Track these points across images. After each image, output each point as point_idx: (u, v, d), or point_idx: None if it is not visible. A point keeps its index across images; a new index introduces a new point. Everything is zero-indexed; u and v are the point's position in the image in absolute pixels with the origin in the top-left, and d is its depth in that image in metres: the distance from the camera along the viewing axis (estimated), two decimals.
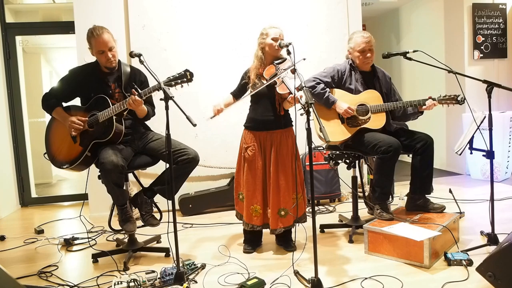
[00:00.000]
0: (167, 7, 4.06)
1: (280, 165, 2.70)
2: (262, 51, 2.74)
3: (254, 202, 2.74)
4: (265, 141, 2.74)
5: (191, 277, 2.43)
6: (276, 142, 2.72)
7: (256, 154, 2.72)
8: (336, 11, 4.38)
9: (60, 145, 2.73)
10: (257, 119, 2.74)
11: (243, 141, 2.81)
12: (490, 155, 2.63)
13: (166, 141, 2.28)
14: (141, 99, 2.51)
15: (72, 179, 5.96)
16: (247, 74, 2.80)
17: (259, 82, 2.70)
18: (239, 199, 2.88)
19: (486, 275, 1.96)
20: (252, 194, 2.74)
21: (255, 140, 2.74)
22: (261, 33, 2.75)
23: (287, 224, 2.74)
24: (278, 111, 2.71)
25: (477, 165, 4.81)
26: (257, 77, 2.72)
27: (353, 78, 2.95)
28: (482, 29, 5.04)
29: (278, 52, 2.71)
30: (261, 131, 2.73)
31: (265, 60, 2.75)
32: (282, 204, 2.71)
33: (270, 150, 2.72)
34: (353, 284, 2.25)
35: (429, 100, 2.81)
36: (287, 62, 2.69)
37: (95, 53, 2.66)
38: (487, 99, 2.58)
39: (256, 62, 2.77)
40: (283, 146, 2.72)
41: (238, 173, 2.86)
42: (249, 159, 2.74)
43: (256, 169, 2.73)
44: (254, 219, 2.76)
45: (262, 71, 2.71)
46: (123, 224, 2.65)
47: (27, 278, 2.55)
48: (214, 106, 2.70)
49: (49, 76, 6.08)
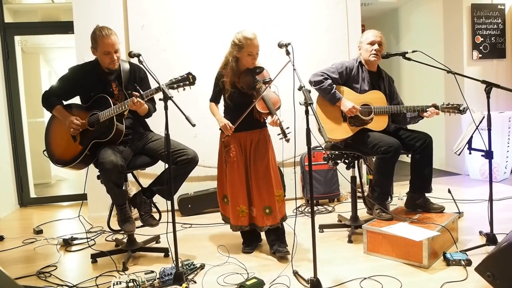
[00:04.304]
0: (167, 7, 4.05)
1: (260, 163, 2.69)
2: (235, 63, 2.63)
3: (239, 203, 2.73)
4: (245, 141, 2.72)
5: (190, 277, 2.43)
6: (255, 140, 2.71)
7: (237, 155, 2.70)
8: (335, 11, 4.38)
9: (59, 143, 2.73)
10: (235, 120, 2.62)
11: (222, 144, 2.78)
12: (489, 155, 2.64)
13: (165, 141, 2.28)
14: (143, 101, 2.52)
15: (71, 179, 5.95)
16: (220, 80, 2.70)
17: (236, 91, 2.63)
18: (223, 202, 2.85)
19: (485, 275, 1.96)
20: (237, 195, 2.72)
21: (234, 141, 2.71)
22: (234, 43, 2.61)
23: (273, 222, 2.69)
24: (257, 117, 2.67)
25: (476, 165, 4.82)
26: (232, 86, 2.64)
27: (360, 76, 2.96)
28: (481, 30, 5.04)
29: (253, 65, 2.65)
30: (241, 132, 2.68)
31: (237, 70, 2.65)
32: (266, 202, 2.69)
33: (250, 149, 2.71)
34: (352, 284, 2.26)
35: (432, 108, 2.83)
36: (265, 73, 2.67)
37: (100, 53, 2.62)
38: (486, 100, 2.58)
39: (229, 72, 2.65)
40: (261, 145, 2.71)
41: (220, 176, 2.83)
42: (230, 161, 2.71)
43: (238, 169, 2.71)
44: (241, 220, 2.75)
45: (237, 79, 2.64)
46: (122, 224, 2.65)
47: (26, 278, 2.55)
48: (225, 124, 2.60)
49: (48, 76, 6.08)
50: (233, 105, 2.68)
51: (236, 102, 2.66)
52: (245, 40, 2.57)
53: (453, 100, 3.11)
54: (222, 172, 2.81)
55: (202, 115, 4.08)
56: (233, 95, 2.65)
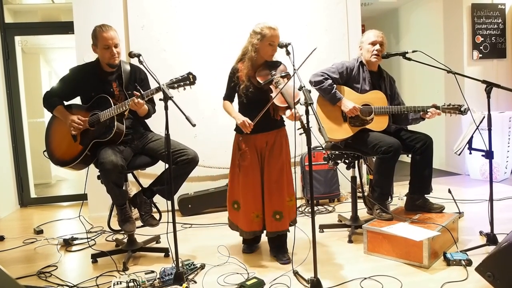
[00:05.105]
0: (167, 8, 4.05)
1: (273, 166, 2.59)
2: (255, 52, 2.54)
3: (253, 210, 2.61)
4: (261, 143, 2.61)
5: (190, 277, 2.43)
6: (271, 142, 2.61)
7: (253, 159, 2.59)
8: (335, 11, 4.38)
9: (60, 143, 2.73)
10: (252, 118, 2.51)
11: (237, 146, 2.67)
12: (489, 155, 2.64)
13: (166, 142, 2.28)
14: (143, 101, 2.52)
15: (71, 180, 5.95)
16: (235, 75, 2.61)
17: (251, 85, 2.54)
18: (233, 209, 2.74)
19: (485, 275, 1.96)
20: (251, 201, 2.61)
21: (250, 144, 2.61)
22: (255, 32, 2.53)
23: (282, 228, 2.62)
24: (273, 115, 2.58)
25: (476, 165, 4.82)
26: (248, 80, 2.54)
27: (360, 76, 2.96)
28: (481, 29, 5.04)
29: (273, 57, 2.59)
30: (256, 134, 2.57)
31: (256, 61, 2.57)
32: (277, 207, 2.59)
33: (265, 152, 2.61)
34: (353, 284, 2.26)
35: (433, 108, 2.82)
36: (281, 67, 2.58)
37: (100, 48, 2.64)
38: (486, 99, 2.58)
39: (247, 63, 2.56)
40: (276, 147, 2.61)
41: (232, 181, 2.72)
42: (245, 165, 2.60)
43: (253, 174, 2.60)
44: (254, 226, 2.64)
45: (253, 73, 2.55)
46: (123, 224, 2.65)
47: (26, 278, 2.55)
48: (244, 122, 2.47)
49: (48, 76, 6.08)
50: (248, 102, 2.56)
51: (251, 98, 2.55)
52: (268, 29, 2.50)
53: (453, 100, 3.11)
54: (234, 177, 2.70)
55: (202, 115, 4.10)
56: (248, 88, 2.54)
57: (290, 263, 2.52)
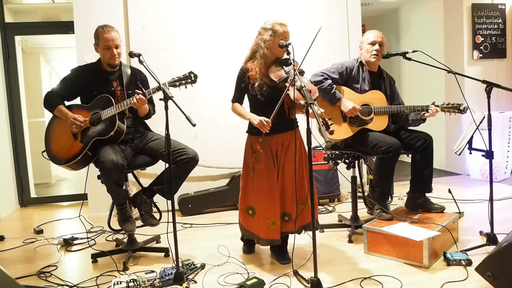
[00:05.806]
0: (167, 8, 4.05)
1: (288, 167, 2.49)
2: (267, 49, 2.44)
3: (270, 216, 2.48)
4: (276, 145, 2.50)
5: (190, 277, 2.43)
6: (286, 143, 2.51)
7: (268, 162, 2.48)
8: (335, 11, 4.38)
9: (60, 142, 2.74)
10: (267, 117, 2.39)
11: (250, 149, 2.55)
12: (489, 155, 2.64)
13: (166, 141, 2.29)
14: (145, 98, 2.54)
15: (72, 179, 5.95)
16: (245, 75, 2.50)
17: (264, 84, 2.43)
18: (247, 215, 2.59)
19: (485, 275, 1.96)
20: (268, 206, 2.48)
21: (265, 146, 2.49)
22: (265, 28, 2.44)
23: (287, 229, 2.55)
24: (288, 114, 2.48)
25: (476, 165, 4.82)
26: (261, 79, 2.43)
27: (360, 76, 2.96)
28: (481, 29, 5.04)
29: (283, 54, 2.46)
30: (271, 135, 2.45)
31: (269, 58, 2.48)
32: (287, 208, 2.52)
33: (281, 155, 2.50)
34: (353, 284, 2.26)
35: (432, 106, 2.82)
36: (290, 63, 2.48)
37: (101, 48, 2.67)
38: (486, 99, 2.58)
39: (259, 60, 2.46)
40: (292, 147, 2.49)
41: (245, 186, 2.58)
42: (259, 168, 2.48)
43: (269, 178, 2.47)
44: (272, 233, 2.50)
45: (265, 71, 2.46)
46: (123, 224, 2.65)
47: (26, 278, 2.55)
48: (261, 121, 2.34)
49: (48, 76, 6.08)
50: (262, 99, 2.44)
51: (266, 96, 2.43)
52: (279, 26, 2.42)
53: (453, 100, 3.11)
54: (248, 181, 2.57)
55: (202, 115, 4.10)
56: (262, 87, 2.42)
57: (290, 263, 2.52)
